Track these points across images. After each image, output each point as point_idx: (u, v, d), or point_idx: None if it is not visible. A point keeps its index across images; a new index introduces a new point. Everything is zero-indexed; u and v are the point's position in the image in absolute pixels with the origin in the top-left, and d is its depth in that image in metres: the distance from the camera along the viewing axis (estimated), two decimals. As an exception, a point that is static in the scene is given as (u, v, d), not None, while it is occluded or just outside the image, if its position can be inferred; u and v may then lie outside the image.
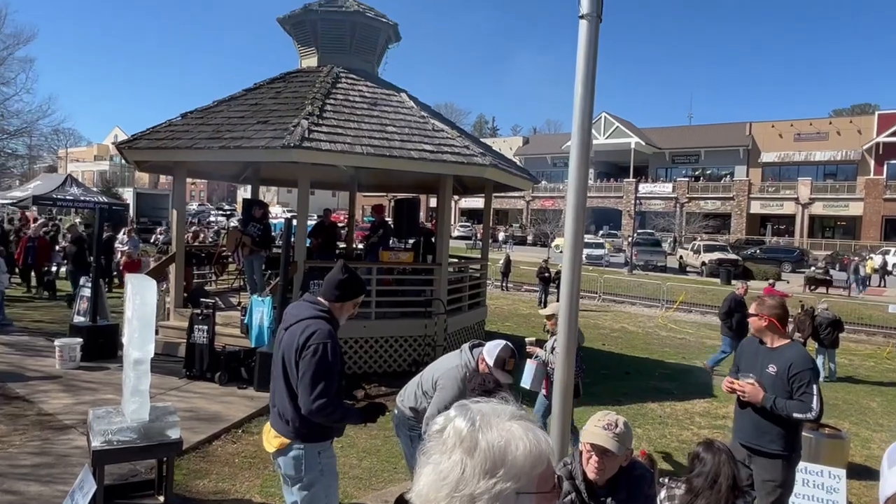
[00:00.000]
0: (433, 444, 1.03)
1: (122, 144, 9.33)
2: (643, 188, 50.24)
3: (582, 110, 3.06)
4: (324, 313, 3.15)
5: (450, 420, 1.04)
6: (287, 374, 3.08)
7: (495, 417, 1.05)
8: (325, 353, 2.99)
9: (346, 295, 3.23)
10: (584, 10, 2.88)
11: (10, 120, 30.11)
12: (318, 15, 10.82)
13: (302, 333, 3.04)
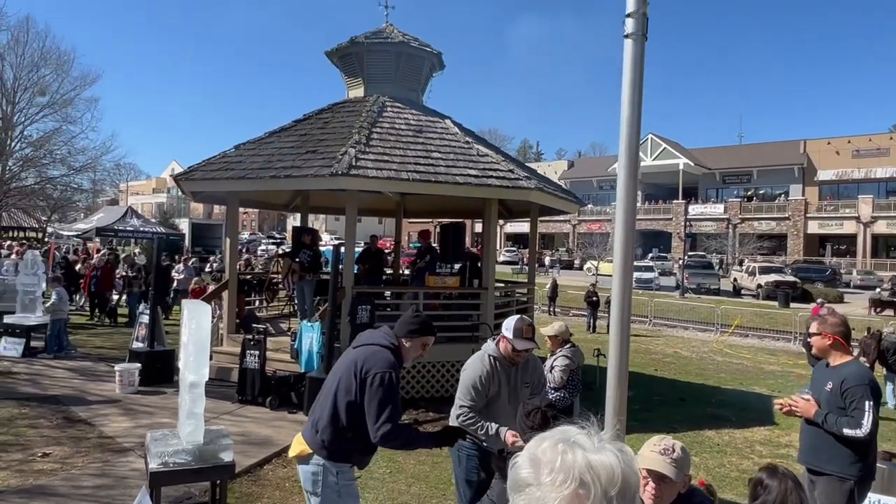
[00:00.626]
0: (532, 487, 1.00)
1: (179, 176, 9.71)
2: (693, 209, 49.15)
3: (629, 131, 3.02)
4: (392, 346, 3.27)
5: (546, 458, 1.01)
6: (338, 390, 3.14)
7: (587, 441, 1.03)
8: (387, 381, 3.09)
9: (416, 332, 3.33)
10: (629, 30, 2.86)
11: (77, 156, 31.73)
12: (364, 47, 11.11)
13: (366, 359, 3.15)
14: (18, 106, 31.90)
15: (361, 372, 3.11)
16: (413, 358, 3.40)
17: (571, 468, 0.98)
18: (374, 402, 3.07)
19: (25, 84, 31.46)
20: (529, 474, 1.01)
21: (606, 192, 56.36)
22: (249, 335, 8.38)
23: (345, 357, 3.29)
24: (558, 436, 1.05)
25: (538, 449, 1.04)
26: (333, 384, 3.20)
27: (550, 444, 1.04)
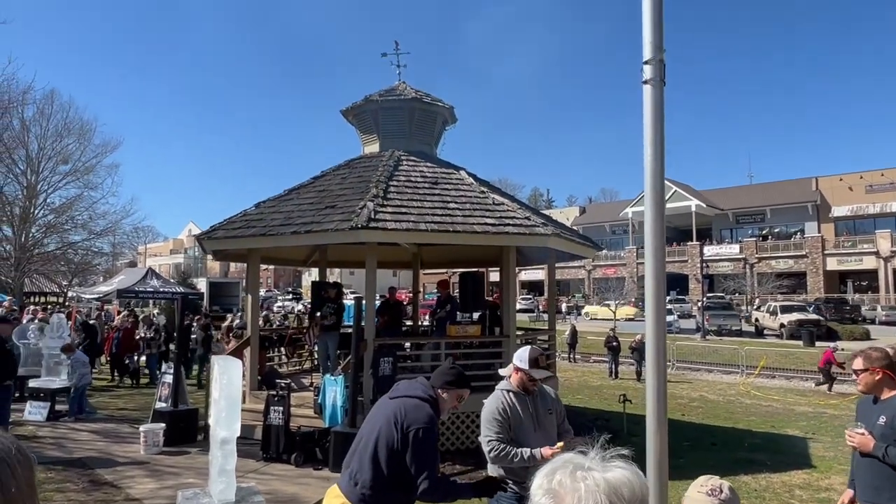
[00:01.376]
0: None
1: (202, 236, 9.90)
2: (708, 251, 48.87)
3: (653, 175, 3.07)
4: (431, 398, 3.30)
5: (566, 489, 1.02)
6: (378, 442, 3.13)
7: (596, 463, 1.06)
8: (427, 436, 3.12)
9: (453, 383, 3.37)
10: (647, 76, 2.96)
11: (97, 221, 32.35)
12: (378, 104, 11.44)
13: (407, 412, 3.18)
14: (42, 175, 32.80)
15: (403, 426, 3.12)
16: (448, 410, 3.40)
17: (596, 492, 1.00)
18: (416, 456, 3.09)
19: (49, 154, 32.43)
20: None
21: (619, 236, 56.37)
22: (273, 391, 8.36)
23: (382, 407, 3.29)
24: (568, 464, 1.06)
25: (553, 482, 1.04)
26: (372, 435, 3.19)
27: (564, 474, 1.05)
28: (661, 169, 3.09)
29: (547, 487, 1.05)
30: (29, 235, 31.80)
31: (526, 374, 3.86)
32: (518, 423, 3.83)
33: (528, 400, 3.92)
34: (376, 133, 11.67)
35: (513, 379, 3.97)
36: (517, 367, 3.95)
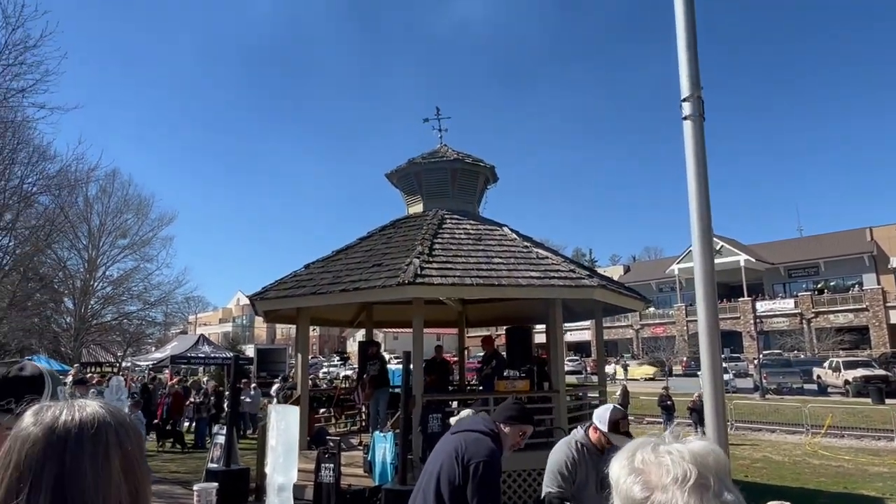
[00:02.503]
0: (656, 495, 0.99)
1: (254, 296, 10.23)
2: (761, 306, 47.30)
3: (699, 212, 3.12)
4: (492, 432, 3.27)
5: (651, 465, 1.02)
6: (440, 478, 3.13)
7: (671, 439, 1.06)
8: (488, 470, 3.08)
9: (515, 419, 3.36)
10: (686, 112, 3.08)
11: (152, 292, 33.59)
12: (421, 166, 11.84)
13: (468, 446, 3.15)
14: (102, 249, 34.51)
15: (464, 459, 3.11)
16: (510, 447, 3.36)
17: (682, 462, 0.99)
18: (477, 490, 3.05)
19: (109, 229, 34.18)
20: (642, 487, 1.00)
21: (667, 294, 55.18)
22: (323, 447, 8.37)
23: (444, 443, 3.30)
24: (646, 444, 1.06)
25: (636, 461, 1.04)
26: (435, 469, 3.19)
27: (644, 451, 1.04)
28: (707, 204, 3.15)
29: (630, 467, 1.04)
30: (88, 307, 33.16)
31: (604, 437, 3.76)
32: (583, 481, 3.74)
33: (600, 459, 3.80)
34: (420, 194, 12.02)
35: (591, 434, 3.86)
36: (596, 426, 3.83)
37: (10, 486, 0.91)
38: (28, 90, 12.94)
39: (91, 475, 0.94)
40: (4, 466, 0.93)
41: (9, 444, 0.97)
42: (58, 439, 0.95)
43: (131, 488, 0.99)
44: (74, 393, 8.85)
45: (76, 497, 0.92)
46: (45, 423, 0.97)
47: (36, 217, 17.78)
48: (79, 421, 0.98)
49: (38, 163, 17.27)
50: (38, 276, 24.72)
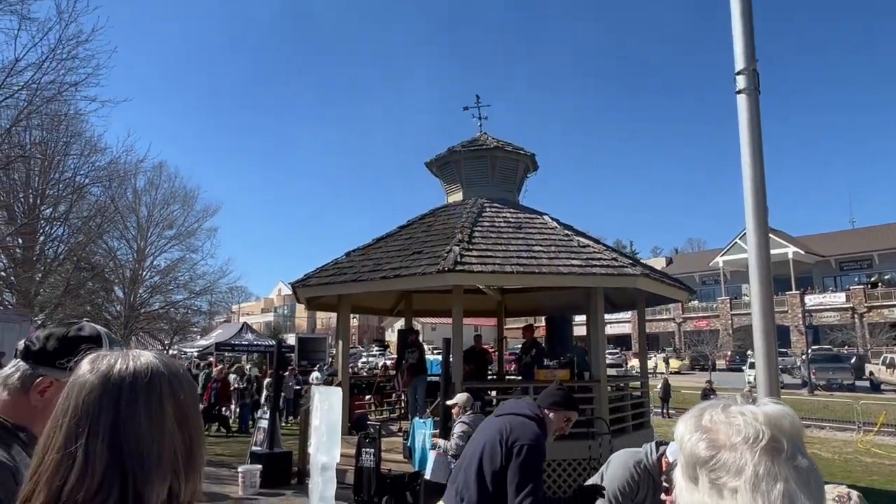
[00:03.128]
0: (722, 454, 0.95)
1: (297, 283, 10.38)
2: (810, 300, 45.80)
3: (754, 187, 3.01)
4: (537, 417, 3.26)
5: (721, 425, 0.97)
6: (482, 460, 3.12)
7: (742, 402, 1.01)
8: (532, 454, 3.06)
9: (559, 404, 3.35)
10: (741, 85, 2.97)
11: (197, 281, 34.54)
12: (461, 155, 11.79)
13: (513, 429, 3.14)
14: (150, 239, 35.63)
15: (508, 441, 3.09)
16: (555, 432, 3.34)
17: (755, 423, 0.94)
18: (518, 474, 3.03)
19: (157, 220, 35.20)
20: (708, 445, 0.96)
21: (710, 286, 53.94)
22: (364, 432, 8.46)
23: (488, 425, 3.29)
24: (717, 405, 1.01)
25: (704, 420, 0.99)
26: (477, 451, 3.19)
27: (714, 411, 0.99)
28: (762, 179, 3.04)
29: (697, 426, 0.99)
30: (137, 296, 34.30)
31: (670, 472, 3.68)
32: (640, 502, 3.58)
33: (655, 486, 3.63)
34: (460, 182, 11.98)
35: (662, 463, 3.67)
36: (667, 460, 3.62)
37: (69, 431, 0.93)
38: (81, 84, 13.34)
39: (145, 423, 0.95)
40: (63, 412, 0.95)
41: (66, 391, 0.99)
42: (112, 387, 0.96)
43: (185, 438, 1.00)
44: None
45: (131, 444, 0.94)
46: (100, 371, 0.98)
47: (88, 208, 18.37)
48: (133, 370, 0.99)
49: (89, 155, 17.85)
50: (90, 265, 25.60)
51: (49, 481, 0.90)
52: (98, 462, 0.91)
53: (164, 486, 0.94)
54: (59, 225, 17.68)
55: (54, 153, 16.72)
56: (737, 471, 0.91)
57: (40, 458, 0.94)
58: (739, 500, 0.90)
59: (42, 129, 15.80)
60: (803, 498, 0.89)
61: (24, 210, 17.00)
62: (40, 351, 1.41)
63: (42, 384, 1.39)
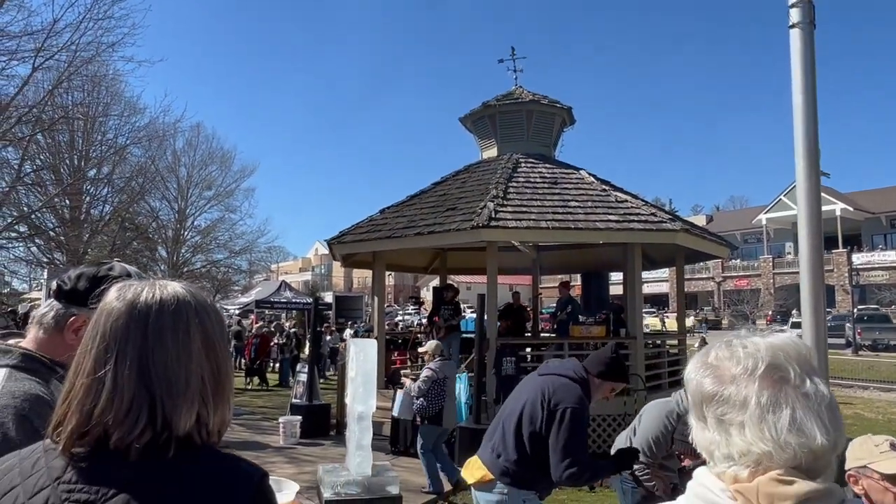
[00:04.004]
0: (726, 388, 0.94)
1: (332, 240, 10.47)
2: (857, 259, 44.30)
3: (806, 127, 2.86)
4: (582, 380, 3.14)
5: (723, 359, 0.97)
6: (522, 417, 3.06)
7: (752, 333, 0.99)
8: (574, 419, 2.97)
9: (608, 373, 3.21)
10: (795, 19, 2.78)
11: (236, 241, 35.28)
12: (496, 109, 11.55)
13: (556, 390, 3.04)
14: (190, 200, 36.40)
15: (550, 403, 3.00)
16: (599, 398, 3.25)
17: (756, 354, 0.93)
18: (561, 439, 2.94)
19: (196, 181, 35.87)
20: (712, 381, 0.95)
21: (752, 245, 52.58)
22: (400, 385, 8.60)
23: (530, 382, 3.21)
24: (723, 342, 0.99)
25: (709, 358, 0.98)
26: (517, 408, 3.12)
27: (719, 349, 0.98)
28: (815, 123, 2.87)
29: (703, 364, 0.99)
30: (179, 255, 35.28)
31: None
32: (669, 449, 3.60)
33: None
34: (494, 138, 11.77)
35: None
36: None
37: (98, 356, 0.95)
38: (118, 44, 13.45)
39: (172, 349, 0.96)
40: (92, 339, 0.97)
41: (95, 318, 1.00)
42: (139, 314, 0.98)
43: (213, 367, 1.01)
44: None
45: (159, 369, 0.95)
46: (127, 298, 0.99)
47: (130, 169, 18.76)
48: (160, 298, 1.00)
49: (129, 116, 18.14)
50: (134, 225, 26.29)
51: (80, 404, 0.92)
52: (126, 386, 0.93)
53: (191, 413, 0.95)
54: (104, 186, 18.14)
55: (96, 115, 17.03)
56: (741, 404, 0.91)
57: (71, 382, 0.96)
58: (748, 434, 0.89)
59: (83, 91, 16.07)
60: (812, 424, 0.87)
61: (70, 171, 17.45)
62: (72, 291, 1.44)
63: (75, 323, 1.41)
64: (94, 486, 0.89)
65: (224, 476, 0.94)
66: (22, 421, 1.22)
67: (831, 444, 0.88)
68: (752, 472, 0.89)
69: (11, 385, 1.29)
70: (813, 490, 0.85)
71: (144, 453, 0.91)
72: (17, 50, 12.28)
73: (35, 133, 14.04)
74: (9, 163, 15.15)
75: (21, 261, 17.21)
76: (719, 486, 0.90)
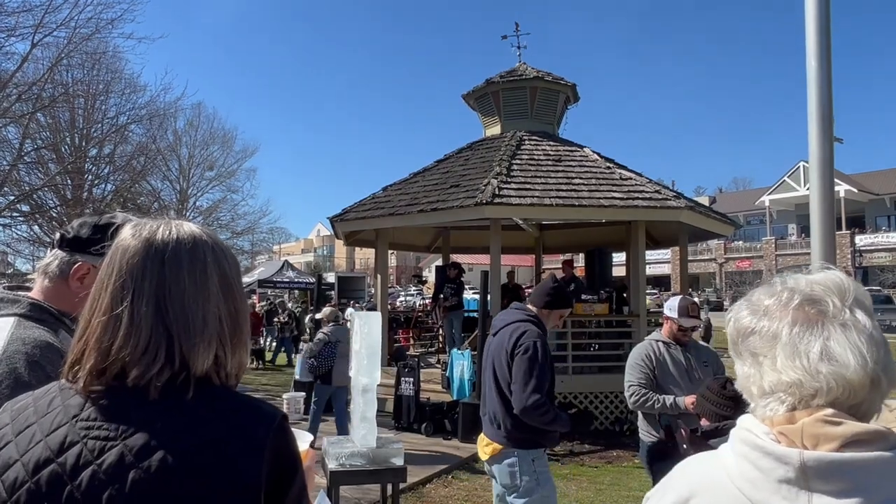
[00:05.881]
0: (760, 321, 0.93)
1: (335, 218, 10.44)
2: (861, 240, 44.24)
3: (819, 85, 2.80)
4: (532, 318, 3.27)
5: (764, 296, 0.96)
6: (497, 378, 3.15)
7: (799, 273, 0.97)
8: (535, 351, 3.06)
9: (554, 303, 3.35)
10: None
11: (238, 221, 35.27)
12: (499, 86, 11.44)
13: (511, 336, 3.16)
14: (192, 181, 36.31)
15: (510, 349, 3.11)
16: (550, 328, 3.40)
17: (795, 287, 0.92)
18: (520, 372, 3.03)
19: (198, 161, 35.74)
20: (749, 315, 0.95)
21: (755, 226, 52.47)
22: (403, 362, 8.63)
23: (490, 345, 3.34)
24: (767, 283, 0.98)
25: (752, 298, 0.97)
26: (491, 374, 3.23)
27: (761, 289, 0.97)
28: (829, 84, 2.81)
29: (744, 301, 0.99)
30: (182, 236, 35.35)
31: (675, 323, 3.78)
32: (664, 373, 3.73)
33: (680, 351, 3.81)
34: (498, 115, 11.68)
35: (663, 329, 3.92)
36: (667, 316, 3.88)
37: (115, 293, 0.94)
38: (117, 21, 13.31)
39: (190, 287, 0.95)
40: (108, 275, 0.96)
41: (110, 255, 0.98)
42: (156, 251, 0.96)
43: (230, 308, 1.00)
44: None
45: (176, 306, 0.94)
46: (143, 236, 0.98)
47: (131, 149, 18.66)
48: (177, 235, 0.99)
49: (130, 94, 18.02)
50: (136, 206, 26.23)
51: (98, 341, 0.91)
52: (144, 323, 0.91)
53: (209, 352, 0.94)
54: (105, 165, 18.07)
55: (97, 93, 16.91)
56: (773, 336, 0.90)
57: (87, 320, 0.95)
58: (779, 363, 0.88)
59: (83, 69, 15.95)
60: (847, 352, 0.84)
61: (71, 150, 17.38)
62: (75, 238, 1.42)
63: (80, 270, 1.40)
64: (113, 424, 0.88)
65: (244, 414, 0.93)
66: (34, 366, 1.22)
67: (869, 377, 0.84)
68: (788, 410, 0.87)
69: (21, 332, 1.28)
70: (862, 431, 0.82)
71: (164, 392, 0.90)
72: (15, 26, 12.17)
73: (35, 111, 13.96)
74: (9, 142, 15.10)
75: (24, 240, 17.21)
76: (763, 429, 0.88)
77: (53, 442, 0.87)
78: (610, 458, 7.55)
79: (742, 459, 0.88)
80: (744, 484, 0.86)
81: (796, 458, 0.82)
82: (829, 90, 2.77)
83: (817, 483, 0.81)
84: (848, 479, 0.80)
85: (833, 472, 0.81)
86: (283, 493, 0.92)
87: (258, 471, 0.88)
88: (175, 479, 0.85)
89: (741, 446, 0.89)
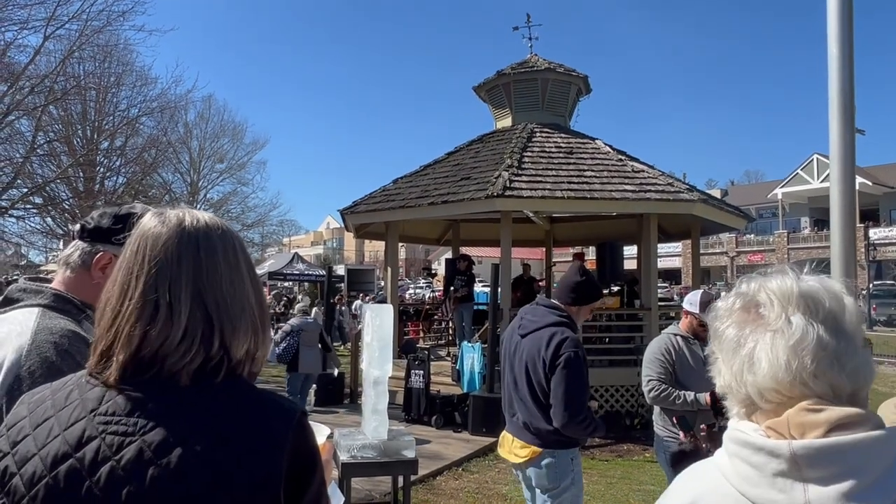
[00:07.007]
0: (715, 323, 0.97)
1: (345, 210, 10.43)
2: (875, 234, 43.70)
3: (841, 83, 2.74)
4: (564, 318, 3.11)
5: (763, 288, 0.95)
6: (533, 384, 3.04)
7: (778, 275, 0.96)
8: (577, 363, 2.95)
9: (582, 298, 3.19)
10: (833, -34, 2.65)
11: (249, 214, 35.40)
12: (510, 77, 11.36)
13: (549, 344, 3.00)
14: (202, 173, 36.42)
15: (550, 359, 2.98)
16: (583, 319, 3.28)
17: (745, 291, 0.94)
18: (562, 387, 2.92)
19: (208, 153, 35.87)
20: (711, 318, 1.00)
21: (767, 220, 52.04)
22: (413, 355, 8.63)
23: (522, 347, 3.15)
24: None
25: (741, 288, 1.00)
26: (522, 378, 3.09)
27: (750, 280, 0.99)
28: (851, 71, 2.75)
29: (736, 293, 0.99)
30: (192, 228, 35.51)
31: (696, 318, 3.67)
32: (684, 367, 3.64)
33: (699, 346, 3.71)
34: (509, 107, 11.60)
35: (682, 323, 3.83)
36: (687, 310, 3.79)
37: (148, 280, 0.91)
38: (128, 13, 13.35)
39: (226, 272, 0.95)
40: (137, 262, 0.93)
41: (136, 244, 0.96)
42: (189, 237, 0.95)
43: (258, 295, 0.99)
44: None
45: (215, 292, 0.93)
46: (171, 223, 0.96)
47: (142, 141, 18.75)
48: (205, 223, 0.98)
49: (141, 87, 18.07)
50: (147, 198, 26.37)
51: (133, 327, 0.89)
52: (182, 309, 0.90)
53: (248, 338, 0.94)
54: (117, 157, 18.16)
55: (108, 85, 16.98)
56: (720, 339, 0.96)
57: (115, 309, 0.92)
58: (722, 367, 0.95)
59: (94, 61, 16.01)
60: (765, 362, 0.87)
61: (83, 143, 17.48)
62: (96, 229, 1.42)
63: (102, 260, 1.40)
64: (132, 419, 0.87)
65: (264, 411, 0.91)
66: (64, 355, 1.22)
67: (787, 385, 0.86)
68: (740, 410, 0.94)
69: (47, 322, 1.29)
70: (845, 415, 0.84)
71: (195, 378, 0.89)
72: (28, 19, 12.23)
73: (48, 103, 14.03)
74: (22, 134, 15.20)
75: (37, 232, 17.35)
76: (752, 426, 0.91)
77: (71, 436, 0.86)
78: (620, 452, 7.52)
79: (736, 459, 0.90)
80: (740, 483, 0.88)
81: (786, 449, 0.83)
82: (851, 79, 2.72)
83: (810, 472, 0.82)
84: (838, 462, 0.82)
85: (823, 458, 0.82)
86: (302, 490, 0.90)
87: (279, 469, 0.87)
88: (194, 476, 0.83)
89: (733, 446, 0.91)
